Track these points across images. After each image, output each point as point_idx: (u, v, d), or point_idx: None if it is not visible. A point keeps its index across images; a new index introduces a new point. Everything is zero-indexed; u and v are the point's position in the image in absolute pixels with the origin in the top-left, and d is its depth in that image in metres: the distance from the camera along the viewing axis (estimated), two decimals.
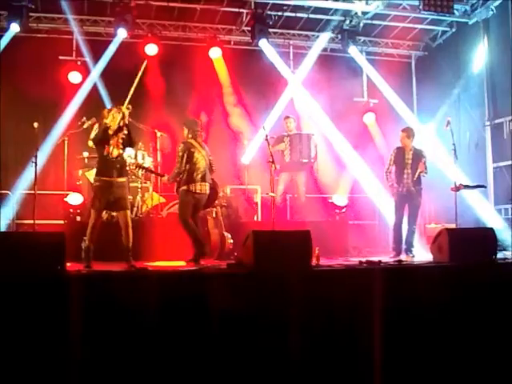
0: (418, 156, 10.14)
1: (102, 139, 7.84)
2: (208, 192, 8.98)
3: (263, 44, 13.60)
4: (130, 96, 8.08)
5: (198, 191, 8.79)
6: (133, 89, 8.16)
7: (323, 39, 14.21)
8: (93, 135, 8.01)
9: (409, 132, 10.34)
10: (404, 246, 10.12)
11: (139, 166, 9.84)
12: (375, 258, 8.13)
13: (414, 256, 9.93)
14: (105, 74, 12.93)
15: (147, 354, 5.92)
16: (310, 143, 11.90)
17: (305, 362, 6.38)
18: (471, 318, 6.99)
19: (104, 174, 7.88)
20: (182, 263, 8.83)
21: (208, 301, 6.16)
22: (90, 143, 8.08)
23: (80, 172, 11.15)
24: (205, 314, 6.11)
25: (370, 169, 13.83)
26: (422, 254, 10.05)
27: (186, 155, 8.78)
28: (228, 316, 6.20)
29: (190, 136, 9.01)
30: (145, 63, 8.64)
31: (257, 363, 6.24)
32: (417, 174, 10.02)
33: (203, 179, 8.85)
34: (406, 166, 10.12)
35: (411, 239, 10.15)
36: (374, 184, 13.44)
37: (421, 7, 12.52)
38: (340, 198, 12.32)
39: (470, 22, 13.29)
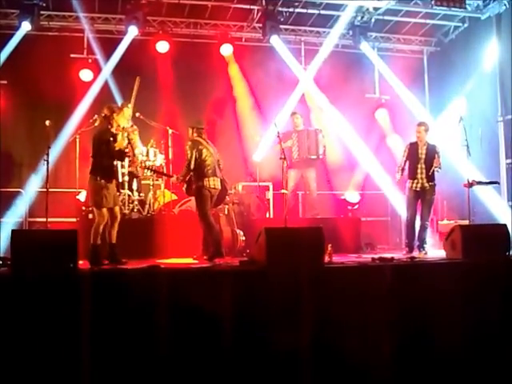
0: (432, 151, 10.06)
1: (119, 157, 8.47)
2: (220, 187, 9.01)
3: (274, 40, 13.57)
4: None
5: (212, 186, 8.86)
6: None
7: (335, 35, 14.13)
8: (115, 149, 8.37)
9: (426, 126, 10.28)
10: (417, 243, 10.07)
11: (148, 168, 10.02)
12: (388, 255, 8.11)
13: (426, 253, 9.87)
14: (116, 72, 12.94)
15: (158, 351, 5.94)
16: (317, 139, 11.81)
17: (317, 358, 6.37)
18: (484, 314, 6.97)
19: (105, 176, 8.24)
20: (194, 260, 8.84)
21: (220, 298, 6.16)
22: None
23: None
24: (217, 311, 6.12)
25: (381, 165, 13.78)
26: (434, 250, 10.01)
27: (195, 153, 8.85)
28: (240, 313, 6.20)
29: (195, 135, 9.09)
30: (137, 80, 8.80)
31: (269, 360, 6.24)
32: (432, 169, 9.93)
33: (214, 174, 8.92)
34: (420, 161, 10.03)
35: (424, 235, 10.09)
36: (386, 180, 13.39)
37: (433, 2, 12.43)
38: (352, 195, 12.32)
39: (483, 17, 13.17)
